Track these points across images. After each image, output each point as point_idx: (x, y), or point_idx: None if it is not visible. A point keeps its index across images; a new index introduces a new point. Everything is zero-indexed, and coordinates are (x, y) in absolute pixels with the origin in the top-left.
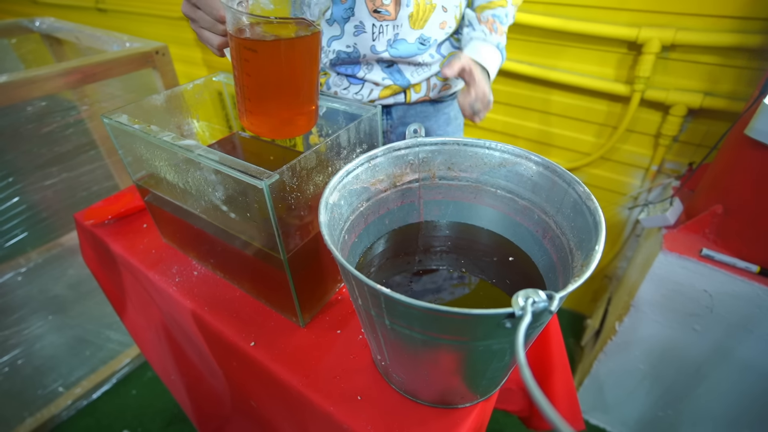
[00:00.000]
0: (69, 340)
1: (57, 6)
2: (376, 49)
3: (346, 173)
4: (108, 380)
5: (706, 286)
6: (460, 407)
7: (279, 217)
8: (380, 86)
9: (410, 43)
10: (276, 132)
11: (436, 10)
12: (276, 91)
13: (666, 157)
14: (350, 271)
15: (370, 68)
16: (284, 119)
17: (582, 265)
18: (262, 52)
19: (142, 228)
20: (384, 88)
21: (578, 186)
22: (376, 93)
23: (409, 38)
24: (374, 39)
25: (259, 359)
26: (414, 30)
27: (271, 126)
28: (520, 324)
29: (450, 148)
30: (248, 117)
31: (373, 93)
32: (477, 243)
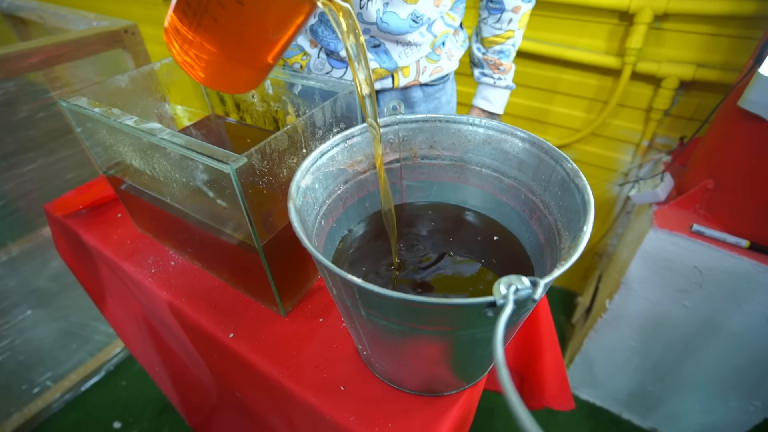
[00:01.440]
0: (54, 333)
1: None
2: (364, 18)
3: (320, 154)
4: (97, 372)
5: (696, 262)
6: (447, 395)
7: (250, 203)
8: None
9: (402, 19)
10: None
11: None
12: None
13: (657, 132)
14: (320, 261)
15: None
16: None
17: (569, 247)
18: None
19: (116, 218)
20: None
21: (566, 163)
22: None
23: (401, 13)
24: (362, 6)
25: (239, 351)
26: (407, 4)
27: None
28: (501, 314)
29: (432, 126)
30: (191, 60)
31: None
32: (462, 224)
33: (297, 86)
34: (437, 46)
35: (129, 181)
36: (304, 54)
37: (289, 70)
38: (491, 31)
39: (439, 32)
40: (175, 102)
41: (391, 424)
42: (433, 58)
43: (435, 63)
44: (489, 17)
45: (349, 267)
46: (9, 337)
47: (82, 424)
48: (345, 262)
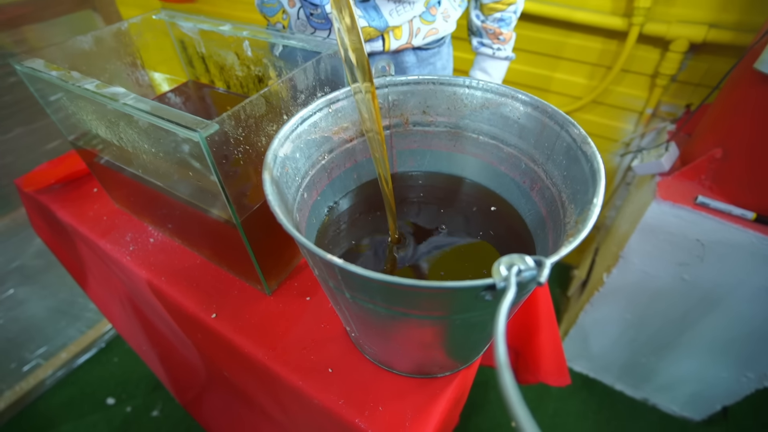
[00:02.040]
0: (42, 311)
1: None
2: None
3: (300, 120)
4: (88, 349)
5: (699, 235)
6: (440, 376)
7: (225, 175)
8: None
9: None
10: None
11: None
12: None
13: (662, 99)
14: (298, 239)
15: None
16: None
17: (576, 222)
18: None
19: (92, 193)
20: None
21: (572, 128)
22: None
23: None
24: None
25: (222, 332)
26: None
27: None
28: (502, 300)
29: (424, 89)
30: None
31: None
32: (458, 195)
33: (277, 47)
34: (432, 5)
35: (99, 153)
36: (284, 12)
37: (270, 29)
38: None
39: None
40: (151, 68)
41: (382, 408)
42: (427, 18)
43: (430, 24)
44: None
45: (338, 243)
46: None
47: (75, 400)
48: (332, 237)
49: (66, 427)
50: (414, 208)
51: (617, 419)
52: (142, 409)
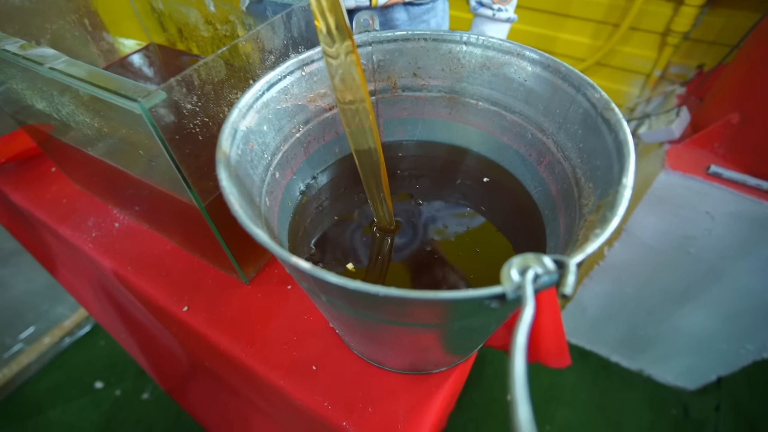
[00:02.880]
0: (21, 294)
1: None
2: None
3: (267, 86)
4: (72, 332)
5: (709, 208)
6: (435, 372)
7: (180, 153)
8: None
9: None
10: None
11: None
12: None
13: (672, 60)
14: (257, 237)
15: None
16: None
17: (598, 206)
18: None
19: (50, 173)
20: None
21: (591, 91)
22: None
23: None
24: None
25: (195, 326)
26: None
27: None
28: (519, 322)
29: (415, 47)
30: None
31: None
32: (456, 167)
33: (243, 1)
34: None
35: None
36: None
37: None
38: None
39: None
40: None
41: (372, 409)
42: None
43: None
44: None
45: (317, 225)
46: None
47: (62, 385)
48: (311, 218)
49: (54, 412)
50: (405, 183)
51: (612, 390)
52: (131, 392)
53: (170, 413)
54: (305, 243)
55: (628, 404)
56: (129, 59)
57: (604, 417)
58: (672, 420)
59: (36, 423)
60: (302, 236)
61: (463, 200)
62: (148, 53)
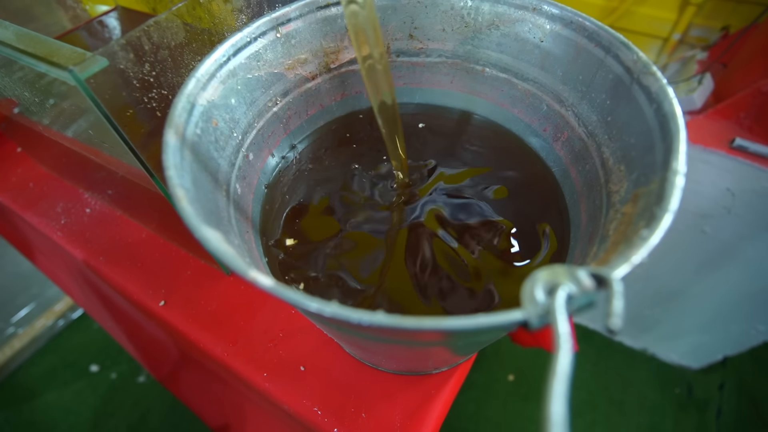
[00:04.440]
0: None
1: None
2: None
3: (233, 50)
4: (65, 316)
5: (731, 184)
6: (435, 373)
7: (133, 133)
8: None
9: None
10: None
11: None
12: None
13: (693, 21)
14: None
15: None
16: None
17: (635, 195)
18: None
19: (15, 153)
20: None
21: (626, 52)
22: None
23: None
24: None
25: (172, 322)
26: None
27: None
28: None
29: (411, 2)
30: None
31: None
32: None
33: None
34: None
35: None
36: None
37: None
38: None
39: None
40: None
41: (365, 414)
42: None
43: None
44: None
45: (296, 195)
46: None
47: (57, 369)
48: (289, 186)
49: (50, 396)
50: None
51: (615, 369)
52: (127, 375)
53: (167, 396)
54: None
55: (631, 383)
56: (93, 24)
57: (607, 396)
58: (675, 399)
59: (32, 407)
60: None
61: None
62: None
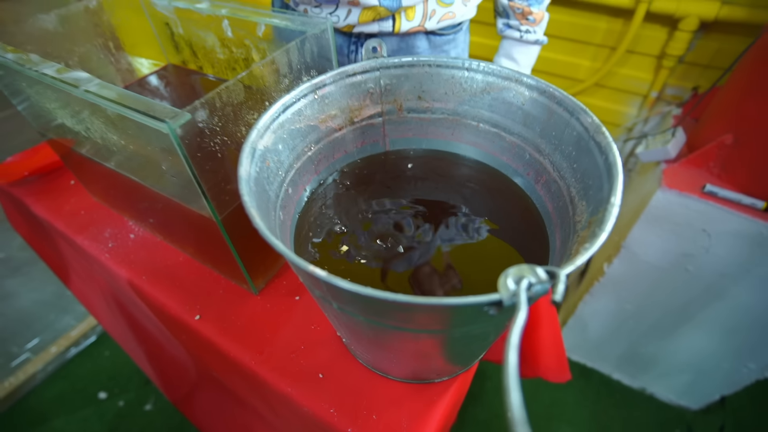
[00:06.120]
0: (30, 304)
1: None
2: None
3: (282, 108)
4: (78, 342)
5: (706, 225)
6: (437, 381)
7: (201, 169)
8: (360, 6)
9: None
10: None
11: None
12: None
13: (668, 82)
14: (277, 247)
15: None
16: None
17: (590, 222)
18: None
19: (69, 185)
20: (366, 8)
21: (584, 115)
22: (355, 16)
23: None
24: None
25: (206, 334)
26: None
27: None
28: (513, 325)
29: (420, 72)
30: None
31: (351, 16)
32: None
33: (260, 26)
34: None
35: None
36: None
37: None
38: None
39: None
40: (132, 52)
41: (376, 416)
42: (445, 1)
43: (447, 7)
44: None
45: (321, 225)
46: None
47: (66, 395)
48: (315, 218)
49: (58, 422)
50: (410, 186)
51: (614, 408)
52: (134, 403)
53: (173, 424)
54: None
55: (631, 423)
56: (147, 79)
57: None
58: None
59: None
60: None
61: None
62: (165, 73)
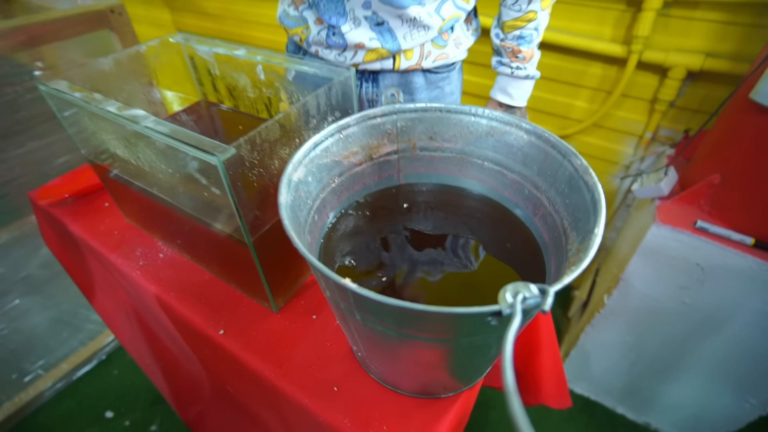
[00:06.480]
0: (45, 321)
1: None
2: None
3: (313, 146)
4: (88, 361)
5: (699, 260)
6: (444, 397)
7: (239, 196)
8: (365, 49)
9: None
10: None
11: None
12: None
13: (661, 124)
14: (314, 265)
15: (357, 23)
16: None
17: (578, 250)
18: None
19: (104, 207)
20: (369, 51)
21: (574, 158)
22: (361, 56)
23: None
24: None
25: (229, 348)
26: None
27: None
28: (509, 327)
29: (432, 116)
30: None
31: (357, 56)
32: (464, 202)
33: (290, 72)
34: (445, 30)
35: (115, 170)
36: (306, 27)
37: (285, 55)
38: (510, 13)
39: (449, 15)
40: (163, 87)
41: (386, 427)
42: (439, 43)
43: (441, 49)
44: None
45: (341, 250)
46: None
47: (74, 413)
48: (337, 241)
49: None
50: (421, 217)
51: None
52: (140, 423)
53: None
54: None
55: None
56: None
57: None
58: None
59: None
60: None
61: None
62: (198, 108)
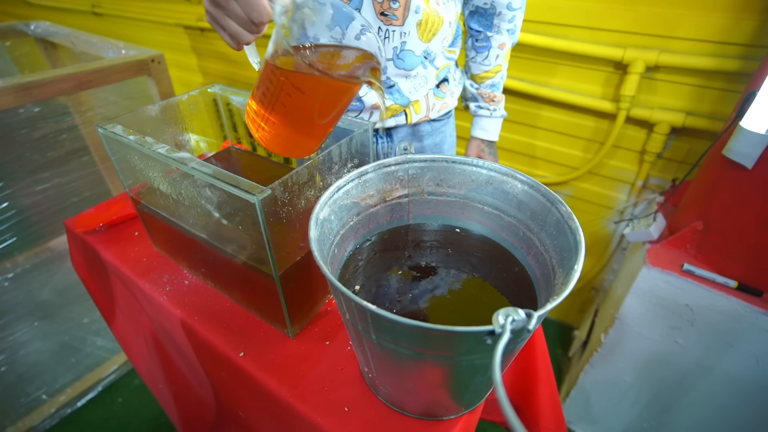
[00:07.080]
0: (54, 346)
1: (53, 9)
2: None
3: (336, 189)
4: (93, 388)
5: (688, 301)
6: (446, 419)
7: (270, 232)
8: (380, 108)
9: (416, 56)
10: (287, 151)
11: (443, 26)
12: (306, 123)
13: (651, 173)
14: (339, 289)
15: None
16: (300, 143)
17: (562, 283)
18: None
19: (134, 236)
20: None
21: (561, 206)
22: (376, 116)
23: (416, 50)
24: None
25: (248, 370)
26: (422, 42)
27: (286, 147)
28: (498, 342)
29: (439, 165)
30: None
31: (373, 116)
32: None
33: None
34: (441, 81)
35: (151, 204)
36: None
37: None
38: (481, 68)
39: (441, 65)
40: (196, 132)
41: None
42: (439, 95)
43: (442, 100)
44: (477, 56)
45: (356, 277)
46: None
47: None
48: (353, 272)
49: None
50: (426, 253)
51: None
52: None
53: None
54: None
55: None
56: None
57: None
58: None
59: None
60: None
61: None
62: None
